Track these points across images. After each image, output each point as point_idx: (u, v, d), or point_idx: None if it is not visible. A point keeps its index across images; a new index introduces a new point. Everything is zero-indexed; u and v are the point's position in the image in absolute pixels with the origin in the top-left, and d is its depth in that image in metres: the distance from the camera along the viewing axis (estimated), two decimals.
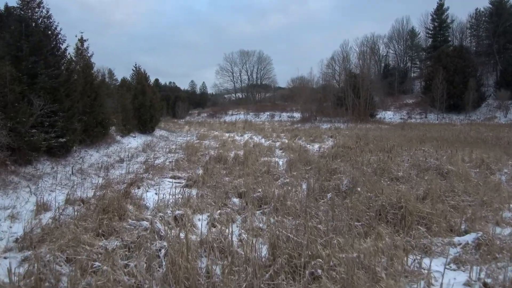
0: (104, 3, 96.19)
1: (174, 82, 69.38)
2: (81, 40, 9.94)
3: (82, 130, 8.65)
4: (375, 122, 25.69)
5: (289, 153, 11.02)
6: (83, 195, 5.32)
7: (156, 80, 71.59)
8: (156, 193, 5.85)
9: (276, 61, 72.99)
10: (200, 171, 7.47)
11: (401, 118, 31.83)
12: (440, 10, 41.89)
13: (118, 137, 11.77)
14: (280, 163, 9.14)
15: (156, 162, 8.72)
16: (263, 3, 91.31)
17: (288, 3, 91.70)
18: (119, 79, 29.95)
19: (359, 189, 4.59)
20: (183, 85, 72.94)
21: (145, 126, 13.97)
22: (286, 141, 15.87)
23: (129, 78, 19.70)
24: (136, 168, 7.85)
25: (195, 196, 5.25)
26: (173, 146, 12.37)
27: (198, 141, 15.35)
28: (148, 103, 13.95)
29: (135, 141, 12.19)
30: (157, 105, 14.62)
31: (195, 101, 58.29)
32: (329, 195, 5.34)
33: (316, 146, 13.52)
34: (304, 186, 6.12)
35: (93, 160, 8.13)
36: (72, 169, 6.84)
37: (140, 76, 14.56)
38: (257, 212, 4.77)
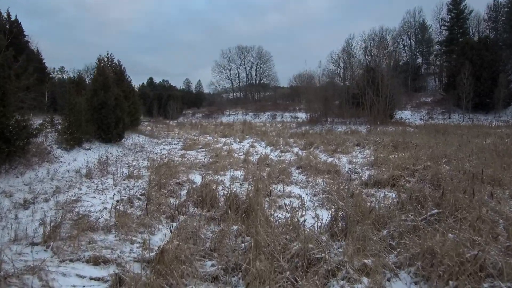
0: (100, 2, 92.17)
1: (167, 80, 65.51)
2: None
3: None
4: (396, 123, 21.97)
5: (313, 175, 7.28)
6: None
7: (150, 78, 67.89)
8: None
9: (275, 60, 68.88)
10: (161, 236, 3.73)
11: (420, 119, 28.18)
12: (457, 0, 38.26)
13: (58, 152, 7.96)
14: (307, 200, 5.45)
15: (87, 204, 4.92)
16: (261, 1, 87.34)
17: (286, 2, 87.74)
18: None
19: None
20: (180, 84, 69.13)
21: (109, 132, 10.14)
22: (299, 151, 12.12)
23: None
24: (38, 225, 4.05)
25: None
26: (142, 163, 8.57)
27: (182, 152, 11.56)
28: (112, 102, 10.11)
29: (85, 157, 8.38)
30: (125, 104, 10.79)
31: (190, 100, 54.38)
32: None
33: (344, 159, 9.78)
34: None
35: None
36: None
37: (101, 65, 10.68)
38: None
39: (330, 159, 9.63)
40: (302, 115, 34.77)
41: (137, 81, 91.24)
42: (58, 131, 8.53)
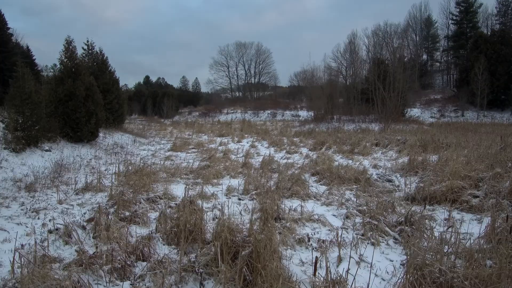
0: (97, 1, 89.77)
1: (163, 78, 63.46)
2: None
3: None
4: (408, 121, 20.19)
5: (336, 185, 5.49)
6: None
7: (147, 77, 65.84)
8: None
9: (273, 59, 66.38)
10: None
11: (431, 117, 26.43)
12: None
13: (4, 154, 6.13)
14: (338, 225, 3.67)
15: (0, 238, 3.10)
16: (258, 1, 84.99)
17: (283, 1, 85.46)
18: None
19: None
20: (178, 83, 66.98)
21: (78, 130, 8.30)
22: (308, 151, 10.32)
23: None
24: None
25: None
26: (112, 169, 6.72)
27: (169, 153, 9.71)
28: (82, 92, 8.26)
29: (40, 160, 6.54)
30: (98, 96, 8.89)
31: (187, 98, 52.39)
32: None
33: (366, 163, 7.95)
34: None
35: None
36: None
37: (69, 47, 8.76)
38: None
39: (349, 162, 7.84)
40: (304, 113, 32.96)
41: (134, 80, 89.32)
42: (8, 127, 6.69)
